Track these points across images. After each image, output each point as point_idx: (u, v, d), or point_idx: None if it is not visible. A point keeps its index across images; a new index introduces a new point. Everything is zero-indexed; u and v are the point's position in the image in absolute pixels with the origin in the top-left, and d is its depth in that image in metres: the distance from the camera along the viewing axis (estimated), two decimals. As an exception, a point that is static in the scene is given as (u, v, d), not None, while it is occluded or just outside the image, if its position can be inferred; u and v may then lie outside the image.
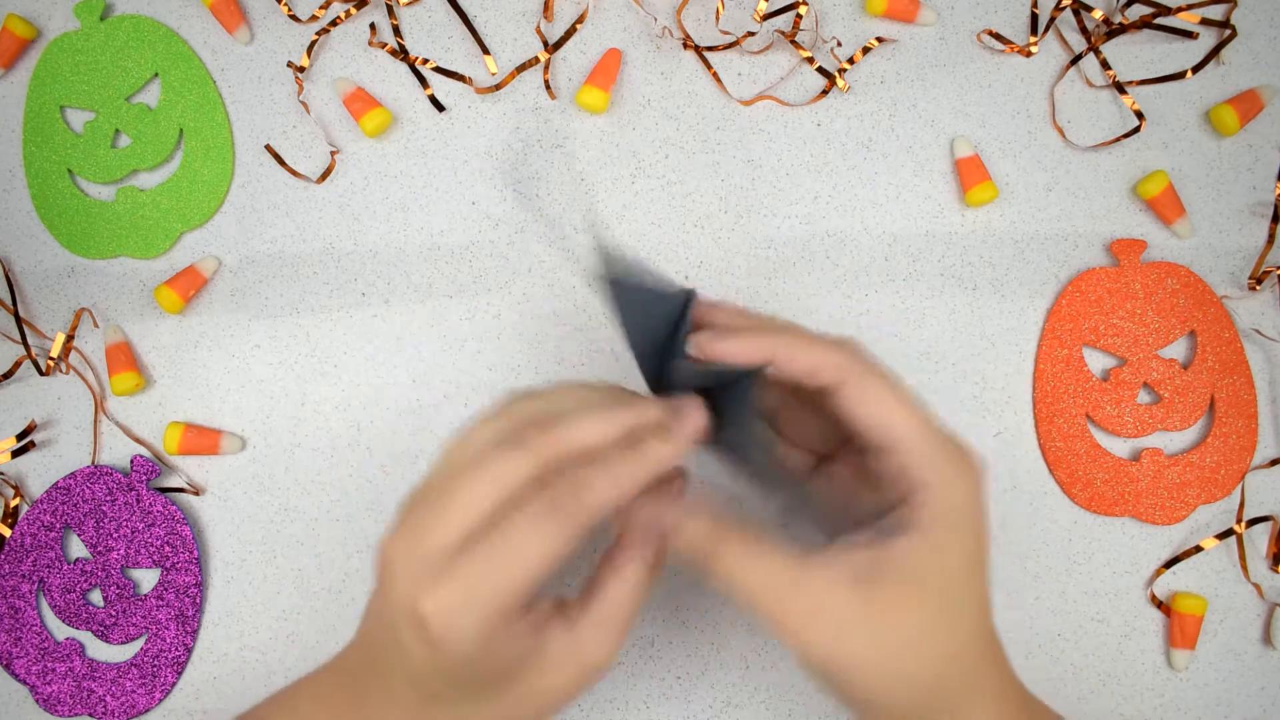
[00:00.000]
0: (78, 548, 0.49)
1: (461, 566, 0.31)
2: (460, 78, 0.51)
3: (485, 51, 0.51)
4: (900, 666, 0.34)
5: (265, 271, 0.50)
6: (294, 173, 0.51)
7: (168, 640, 0.47)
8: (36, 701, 0.47)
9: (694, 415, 0.35)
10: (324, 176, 0.51)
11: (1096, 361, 0.49)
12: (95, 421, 0.49)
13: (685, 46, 0.51)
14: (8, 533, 0.48)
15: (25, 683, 0.47)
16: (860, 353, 0.35)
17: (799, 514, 0.43)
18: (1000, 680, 0.36)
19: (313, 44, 0.51)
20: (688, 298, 0.36)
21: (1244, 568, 0.47)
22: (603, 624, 0.34)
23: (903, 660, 0.34)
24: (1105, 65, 0.51)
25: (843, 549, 0.34)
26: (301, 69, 0.51)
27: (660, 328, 0.36)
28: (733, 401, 0.35)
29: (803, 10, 0.50)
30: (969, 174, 0.49)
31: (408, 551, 0.32)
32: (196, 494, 0.49)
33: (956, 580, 0.34)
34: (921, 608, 0.34)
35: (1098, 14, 0.50)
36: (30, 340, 0.50)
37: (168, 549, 0.48)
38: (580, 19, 0.51)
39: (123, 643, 0.48)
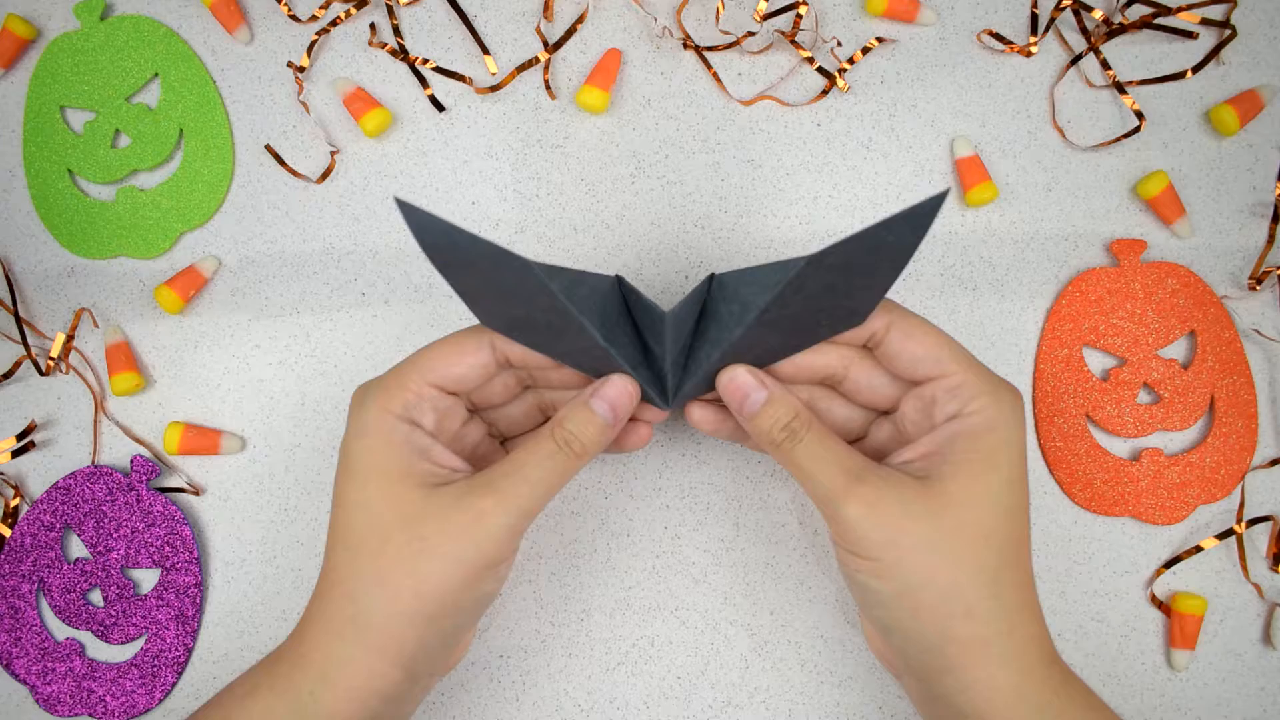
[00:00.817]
0: (78, 548, 0.49)
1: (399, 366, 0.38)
2: (460, 78, 0.51)
3: (485, 51, 0.51)
4: (954, 555, 0.35)
5: (265, 271, 0.50)
6: (294, 173, 0.51)
7: (168, 640, 0.47)
8: (36, 701, 0.47)
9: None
10: (324, 176, 0.51)
11: (1096, 361, 0.49)
12: (95, 421, 0.49)
13: (685, 46, 0.51)
14: (8, 533, 0.48)
15: (25, 683, 0.47)
16: (897, 305, 0.39)
17: None
18: (1034, 620, 0.37)
19: (313, 44, 0.51)
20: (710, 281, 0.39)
21: (1244, 568, 0.47)
22: (498, 479, 0.36)
23: (957, 549, 0.35)
24: (1105, 65, 0.51)
25: (898, 458, 0.38)
26: (301, 69, 0.51)
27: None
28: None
29: (803, 10, 0.50)
30: (969, 174, 0.49)
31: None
32: (196, 494, 0.49)
33: (1006, 488, 0.36)
34: (976, 506, 0.36)
35: (1098, 14, 0.50)
36: (30, 340, 0.50)
37: (168, 549, 0.48)
38: (580, 19, 0.51)
39: (123, 643, 0.48)
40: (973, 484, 0.36)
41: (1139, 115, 0.50)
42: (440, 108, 0.51)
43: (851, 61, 0.50)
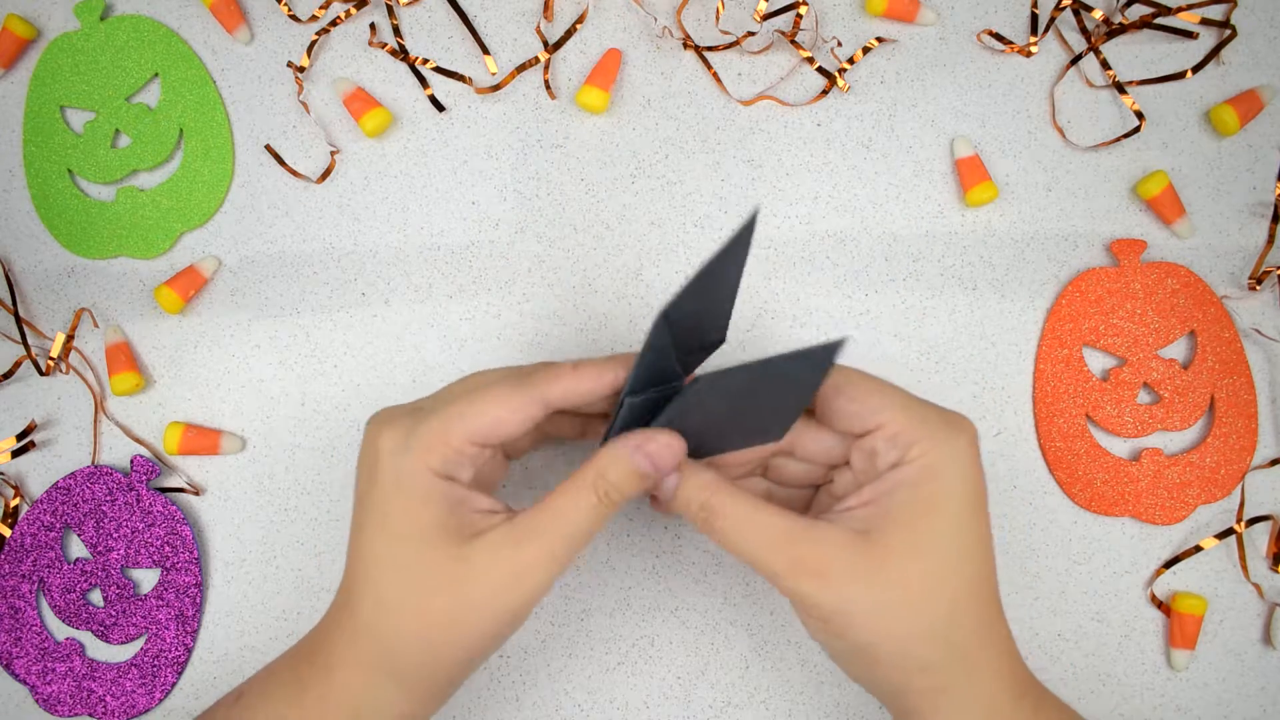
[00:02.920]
0: (78, 548, 0.49)
1: (419, 409, 0.36)
2: (460, 78, 0.51)
3: (485, 51, 0.51)
4: (900, 614, 0.35)
5: (265, 271, 0.50)
6: (294, 173, 0.51)
7: (168, 640, 0.47)
8: (36, 701, 0.47)
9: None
10: (324, 176, 0.51)
11: (1096, 361, 0.49)
12: (95, 421, 0.49)
13: (685, 46, 0.51)
14: (8, 533, 0.48)
15: (25, 683, 0.47)
16: (844, 366, 0.38)
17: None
18: (999, 656, 0.36)
19: (313, 44, 0.51)
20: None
21: (1244, 568, 0.47)
22: (539, 531, 0.35)
23: (902, 607, 0.35)
24: (1105, 65, 0.51)
25: (843, 508, 0.36)
26: (301, 69, 0.51)
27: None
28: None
29: (803, 10, 0.50)
30: (969, 174, 0.49)
31: (388, 412, 0.37)
32: (196, 494, 0.49)
33: (954, 532, 0.35)
34: (920, 557, 0.35)
35: (1098, 14, 0.50)
36: (30, 340, 0.50)
37: (168, 549, 0.48)
38: (580, 19, 0.51)
39: (123, 643, 0.48)
40: (915, 535, 0.35)
41: (1139, 115, 0.50)
42: (440, 108, 0.51)
43: (851, 61, 0.50)
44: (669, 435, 0.36)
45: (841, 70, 0.50)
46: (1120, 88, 0.50)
